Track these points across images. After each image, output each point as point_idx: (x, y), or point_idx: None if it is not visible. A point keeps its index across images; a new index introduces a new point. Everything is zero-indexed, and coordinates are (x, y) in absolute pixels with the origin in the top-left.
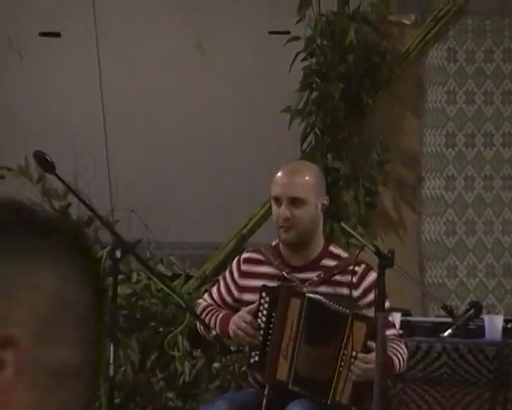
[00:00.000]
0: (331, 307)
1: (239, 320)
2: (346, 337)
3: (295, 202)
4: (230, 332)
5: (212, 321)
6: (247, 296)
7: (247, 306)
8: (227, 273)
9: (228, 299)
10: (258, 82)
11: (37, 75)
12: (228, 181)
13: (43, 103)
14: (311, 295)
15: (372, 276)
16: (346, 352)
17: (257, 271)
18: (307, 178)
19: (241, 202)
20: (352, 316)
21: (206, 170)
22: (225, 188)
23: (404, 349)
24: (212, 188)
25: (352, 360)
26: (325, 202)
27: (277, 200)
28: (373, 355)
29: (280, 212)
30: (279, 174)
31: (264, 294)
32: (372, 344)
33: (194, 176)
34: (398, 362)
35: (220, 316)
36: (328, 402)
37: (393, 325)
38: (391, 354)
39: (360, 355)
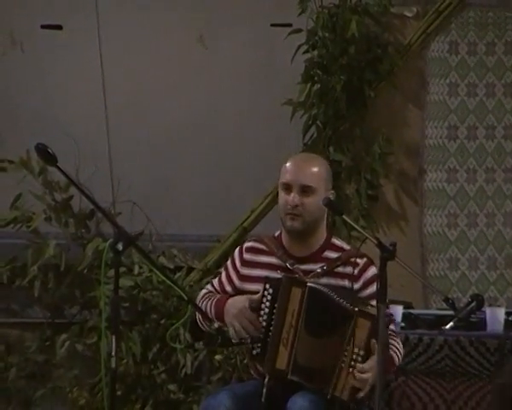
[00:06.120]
0: (334, 299)
1: (240, 315)
2: (349, 334)
3: (306, 190)
4: (227, 322)
5: (208, 305)
6: (249, 286)
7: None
8: (229, 262)
9: (228, 288)
10: (260, 74)
11: (38, 68)
12: (230, 173)
13: (44, 96)
14: (313, 284)
15: (372, 270)
16: (348, 348)
17: (259, 260)
18: (319, 168)
19: (242, 195)
20: (356, 313)
21: (208, 162)
22: (227, 180)
23: (400, 344)
24: (213, 180)
25: (355, 356)
26: (331, 196)
27: (287, 187)
28: (371, 363)
29: (289, 198)
30: (290, 162)
31: (267, 285)
32: (375, 344)
33: (196, 168)
34: (397, 359)
35: (215, 300)
36: (328, 397)
37: (391, 321)
38: (391, 351)
39: (358, 366)
